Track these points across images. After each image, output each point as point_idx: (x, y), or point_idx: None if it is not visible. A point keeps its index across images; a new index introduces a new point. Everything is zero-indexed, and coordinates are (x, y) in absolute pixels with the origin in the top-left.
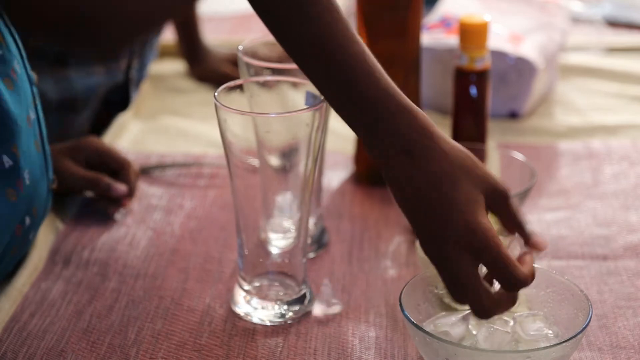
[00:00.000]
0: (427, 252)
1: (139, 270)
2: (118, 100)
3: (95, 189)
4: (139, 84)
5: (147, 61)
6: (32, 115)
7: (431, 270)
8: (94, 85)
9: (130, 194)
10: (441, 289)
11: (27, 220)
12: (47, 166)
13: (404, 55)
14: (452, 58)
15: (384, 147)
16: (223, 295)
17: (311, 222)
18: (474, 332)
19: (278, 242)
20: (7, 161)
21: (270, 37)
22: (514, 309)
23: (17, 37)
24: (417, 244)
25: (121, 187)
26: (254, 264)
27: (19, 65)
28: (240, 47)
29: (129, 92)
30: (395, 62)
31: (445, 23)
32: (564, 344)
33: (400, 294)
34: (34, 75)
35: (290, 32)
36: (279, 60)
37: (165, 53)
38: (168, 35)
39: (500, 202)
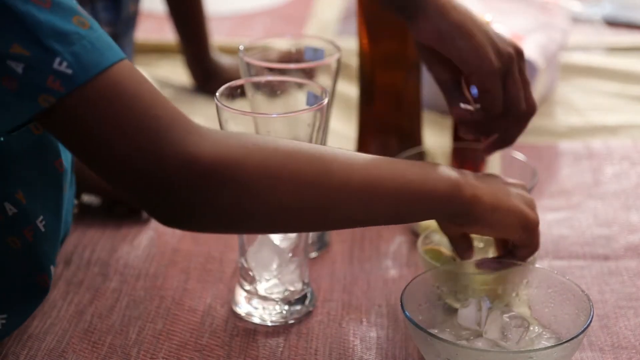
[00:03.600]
0: None
1: (140, 270)
2: None
3: (130, 202)
4: None
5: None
6: None
7: (432, 270)
8: None
9: None
10: (443, 289)
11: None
12: (72, 197)
13: (404, 55)
14: None
15: None
16: (224, 295)
17: None
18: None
19: (279, 242)
20: None
21: (270, 38)
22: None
23: None
24: (419, 243)
25: None
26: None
27: None
28: (241, 47)
29: None
30: (396, 62)
31: None
32: (565, 344)
33: (402, 294)
34: None
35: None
36: (280, 61)
37: (165, 52)
38: (168, 35)
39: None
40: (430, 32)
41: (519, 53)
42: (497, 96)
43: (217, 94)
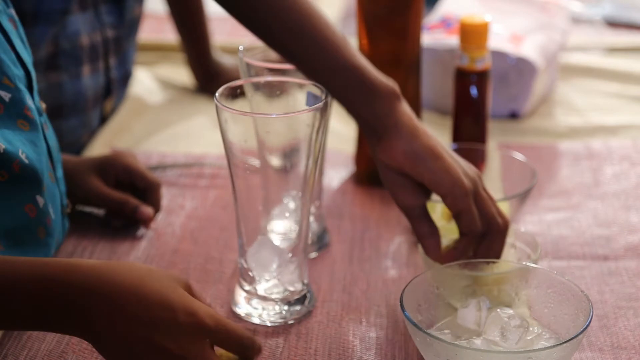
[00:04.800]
0: None
1: None
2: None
3: (121, 210)
4: (124, 81)
5: (127, 57)
6: (44, 147)
7: (432, 270)
8: (82, 89)
9: (155, 214)
10: (443, 290)
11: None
12: (61, 194)
13: (404, 56)
14: (452, 58)
15: None
16: (224, 295)
17: (312, 221)
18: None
19: (279, 243)
20: (32, 210)
21: None
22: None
23: (28, 62)
24: (420, 247)
25: (148, 211)
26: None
27: (30, 100)
28: (241, 48)
29: (111, 91)
30: (396, 62)
31: (445, 23)
32: (565, 344)
33: (401, 294)
34: (42, 105)
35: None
36: (280, 61)
37: (166, 52)
38: (170, 35)
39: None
40: (401, 153)
41: (479, 175)
42: (473, 215)
43: (216, 94)
